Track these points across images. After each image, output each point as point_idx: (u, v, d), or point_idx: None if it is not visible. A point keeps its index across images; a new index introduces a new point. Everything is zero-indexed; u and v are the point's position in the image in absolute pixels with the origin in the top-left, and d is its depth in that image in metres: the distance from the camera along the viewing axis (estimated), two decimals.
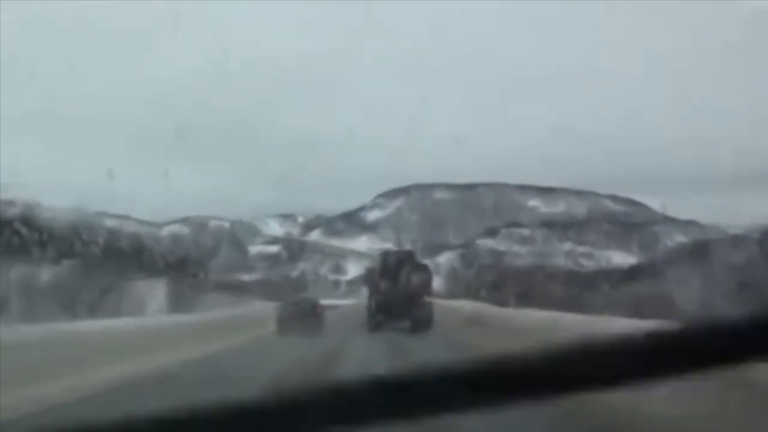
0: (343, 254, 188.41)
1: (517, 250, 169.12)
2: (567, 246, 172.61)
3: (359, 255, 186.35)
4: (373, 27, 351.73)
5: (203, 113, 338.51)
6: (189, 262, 73.34)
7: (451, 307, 41.74)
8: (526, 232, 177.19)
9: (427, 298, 33.17)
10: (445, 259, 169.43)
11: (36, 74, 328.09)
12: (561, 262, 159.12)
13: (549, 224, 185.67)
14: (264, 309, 42.08)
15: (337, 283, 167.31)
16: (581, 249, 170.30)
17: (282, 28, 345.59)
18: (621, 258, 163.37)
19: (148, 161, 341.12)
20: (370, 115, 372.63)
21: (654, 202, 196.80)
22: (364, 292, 37.48)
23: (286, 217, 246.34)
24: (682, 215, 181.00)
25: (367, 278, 35.46)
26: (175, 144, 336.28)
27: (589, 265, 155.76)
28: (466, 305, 46.90)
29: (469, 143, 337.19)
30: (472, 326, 30.36)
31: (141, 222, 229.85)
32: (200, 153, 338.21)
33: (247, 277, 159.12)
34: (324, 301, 40.05)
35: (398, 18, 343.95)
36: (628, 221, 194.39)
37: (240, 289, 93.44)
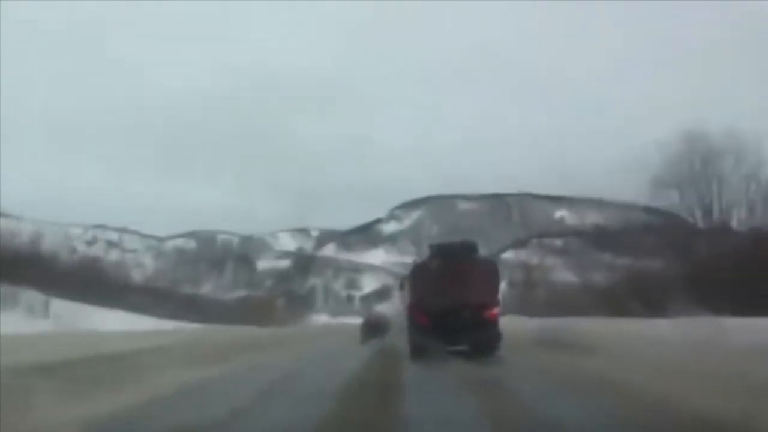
0: (358, 269, 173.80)
1: (550, 262, 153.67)
2: (606, 257, 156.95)
3: (375, 269, 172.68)
4: (385, 40, 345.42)
5: (217, 128, 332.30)
6: None
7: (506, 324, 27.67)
8: (558, 242, 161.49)
9: (493, 310, 19.31)
10: None
11: (46, 87, 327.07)
12: (601, 274, 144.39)
13: (581, 234, 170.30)
14: None
15: (350, 299, 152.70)
16: (622, 261, 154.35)
17: (296, 42, 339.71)
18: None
19: (159, 176, 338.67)
20: (386, 127, 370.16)
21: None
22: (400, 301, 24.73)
23: (299, 232, 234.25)
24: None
25: (410, 280, 20.82)
26: (188, 159, 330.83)
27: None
28: (520, 321, 33.31)
29: (486, 151, 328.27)
30: (544, 348, 19.96)
31: (144, 235, 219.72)
32: (214, 168, 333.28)
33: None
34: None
35: (411, 30, 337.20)
36: (667, 232, 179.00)
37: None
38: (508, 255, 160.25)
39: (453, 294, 18.45)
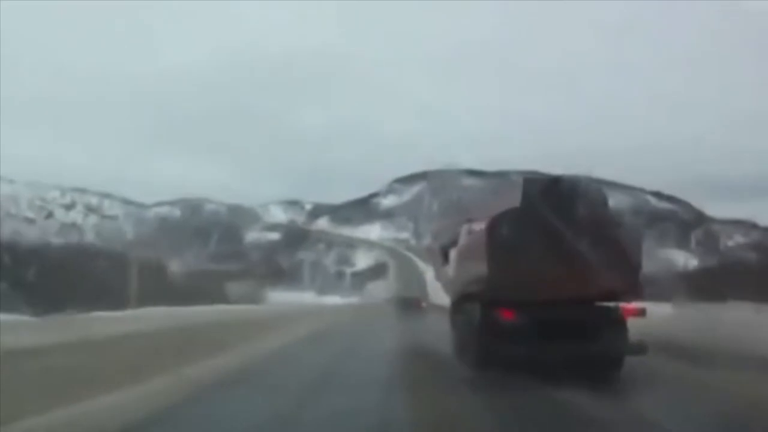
0: (351, 243, 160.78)
1: None
2: None
3: (370, 244, 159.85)
4: (381, 22, 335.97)
5: (218, 106, 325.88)
6: None
7: None
8: None
9: (631, 302, 9.42)
10: None
11: (46, 59, 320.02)
12: None
13: None
14: None
15: (340, 275, 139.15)
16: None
17: (294, 22, 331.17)
18: (684, 258, 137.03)
19: (159, 150, 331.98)
20: (382, 108, 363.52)
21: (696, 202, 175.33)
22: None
23: (292, 204, 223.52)
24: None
25: (487, 244, 9.57)
26: (187, 134, 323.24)
27: (654, 264, 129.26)
28: None
29: (488, 137, 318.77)
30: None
31: (126, 201, 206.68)
32: (213, 144, 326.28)
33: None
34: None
35: (408, 13, 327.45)
36: (679, 219, 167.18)
37: None
38: None
39: (563, 273, 9.22)
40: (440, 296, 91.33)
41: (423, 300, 51.93)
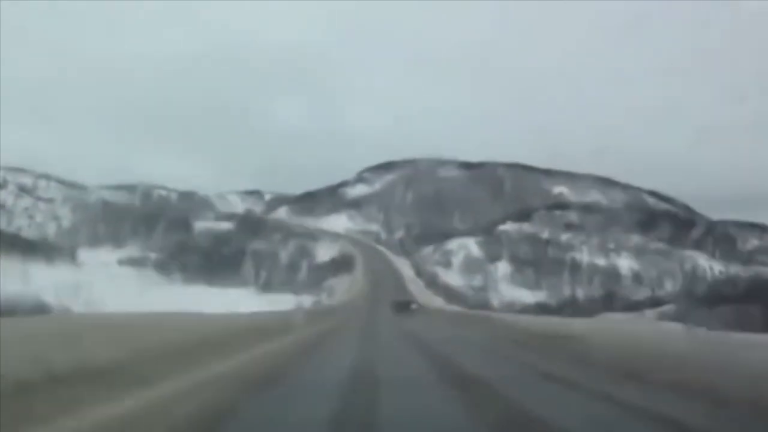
0: (313, 235, 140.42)
1: (565, 238, 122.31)
2: (635, 239, 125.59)
3: (334, 236, 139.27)
4: (366, 21, 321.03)
5: (195, 99, 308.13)
6: None
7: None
8: (572, 216, 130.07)
9: None
10: (456, 245, 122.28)
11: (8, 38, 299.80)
12: (632, 258, 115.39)
13: (597, 210, 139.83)
14: None
15: (293, 268, 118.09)
16: (655, 245, 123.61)
17: (277, 18, 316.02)
18: (704, 260, 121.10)
19: (116, 135, 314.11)
20: (361, 106, 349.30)
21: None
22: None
23: (251, 194, 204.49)
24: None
25: None
26: (160, 127, 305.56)
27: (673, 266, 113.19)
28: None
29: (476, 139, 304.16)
30: None
31: (65, 183, 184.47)
32: (186, 138, 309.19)
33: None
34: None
35: (391, 10, 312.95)
36: (685, 219, 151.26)
37: None
38: (507, 227, 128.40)
39: None
40: (424, 295, 74.26)
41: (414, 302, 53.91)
